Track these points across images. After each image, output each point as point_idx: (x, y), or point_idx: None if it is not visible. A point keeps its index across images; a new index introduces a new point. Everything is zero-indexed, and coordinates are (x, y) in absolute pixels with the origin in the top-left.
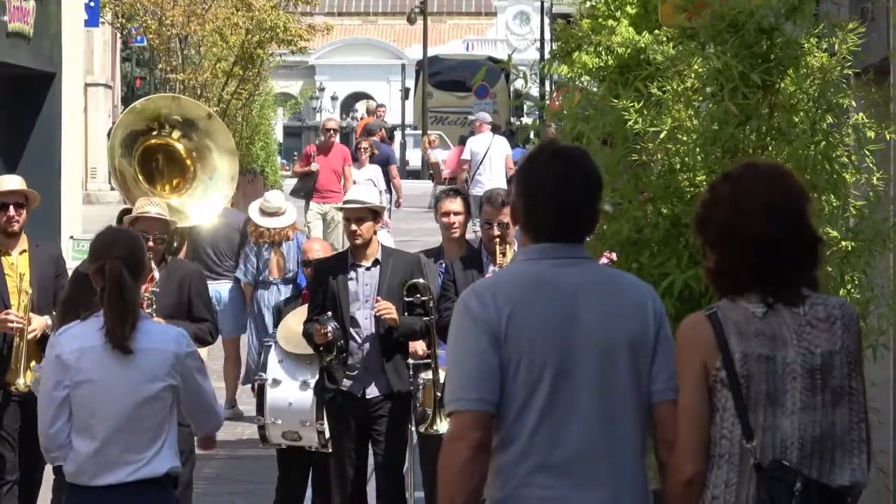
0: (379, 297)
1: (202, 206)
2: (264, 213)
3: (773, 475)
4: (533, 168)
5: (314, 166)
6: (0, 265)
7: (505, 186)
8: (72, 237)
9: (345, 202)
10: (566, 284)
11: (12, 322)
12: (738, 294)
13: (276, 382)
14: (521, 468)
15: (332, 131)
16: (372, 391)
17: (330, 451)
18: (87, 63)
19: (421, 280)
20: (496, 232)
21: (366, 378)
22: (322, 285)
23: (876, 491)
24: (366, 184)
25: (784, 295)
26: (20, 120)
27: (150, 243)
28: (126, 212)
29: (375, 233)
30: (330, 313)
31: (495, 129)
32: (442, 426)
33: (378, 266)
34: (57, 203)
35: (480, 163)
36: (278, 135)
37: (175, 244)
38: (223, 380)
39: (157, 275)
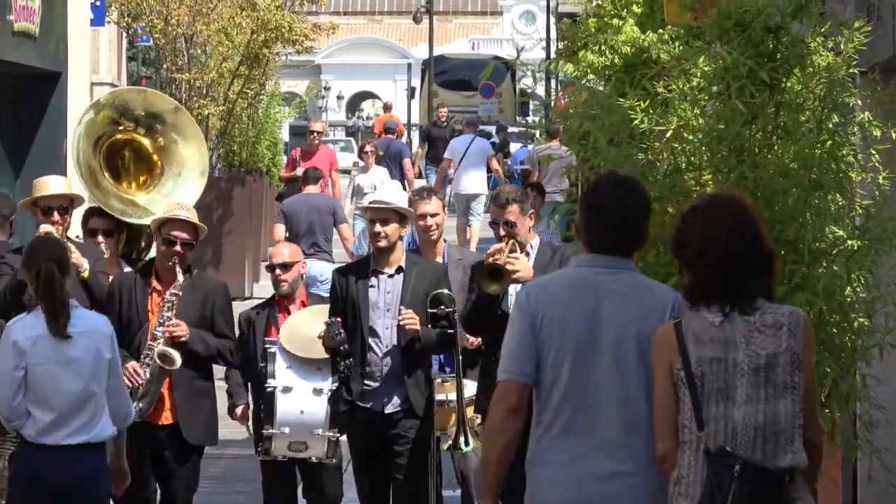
0: (402, 307)
1: (172, 201)
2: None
3: (717, 459)
4: (594, 191)
5: (300, 171)
6: None
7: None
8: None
9: (371, 203)
10: (599, 289)
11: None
12: (706, 305)
13: (287, 389)
14: (548, 434)
15: (315, 134)
16: (392, 406)
17: (334, 461)
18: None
19: (445, 291)
20: (501, 231)
21: (386, 392)
22: (342, 292)
23: (882, 490)
24: (384, 189)
25: (740, 305)
26: (26, 119)
27: (177, 248)
28: (93, 211)
29: (401, 238)
30: (338, 319)
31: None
32: (467, 446)
33: (402, 274)
34: None
35: (460, 161)
36: (284, 134)
37: (143, 244)
38: None
39: (180, 278)
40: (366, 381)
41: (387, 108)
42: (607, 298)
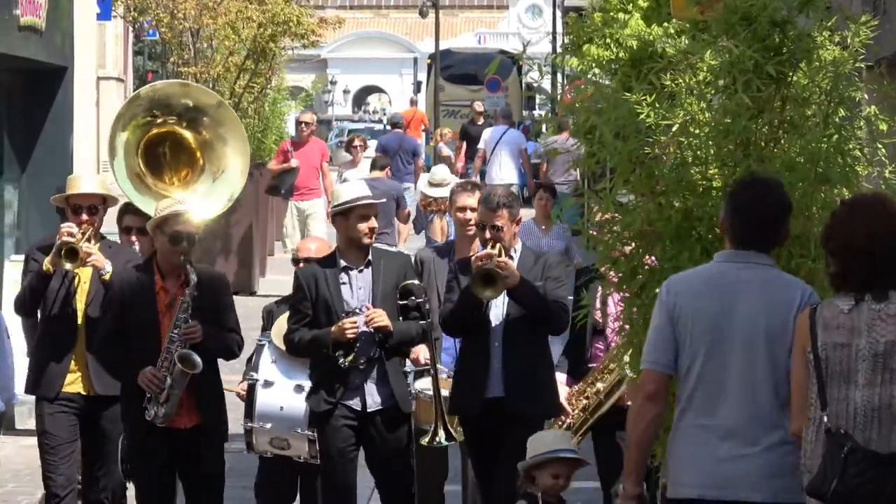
0: (369, 305)
1: (207, 201)
2: (432, 184)
3: (834, 439)
4: (738, 191)
5: (294, 162)
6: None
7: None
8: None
9: (359, 198)
10: (734, 283)
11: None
12: (846, 292)
13: (267, 384)
14: (683, 419)
15: (303, 125)
16: (373, 403)
17: (319, 463)
18: (99, 57)
19: (415, 281)
20: (487, 235)
21: (367, 389)
22: (310, 293)
23: None
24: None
25: (874, 295)
26: (32, 113)
27: (185, 244)
28: (128, 208)
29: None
30: (348, 313)
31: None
32: (445, 439)
33: (370, 268)
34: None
35: (492, 152)
36: (290, 128)
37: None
38: None
39: (193, 278)
40: (346, 380)
41: (413, 102)
42: (741, 292)
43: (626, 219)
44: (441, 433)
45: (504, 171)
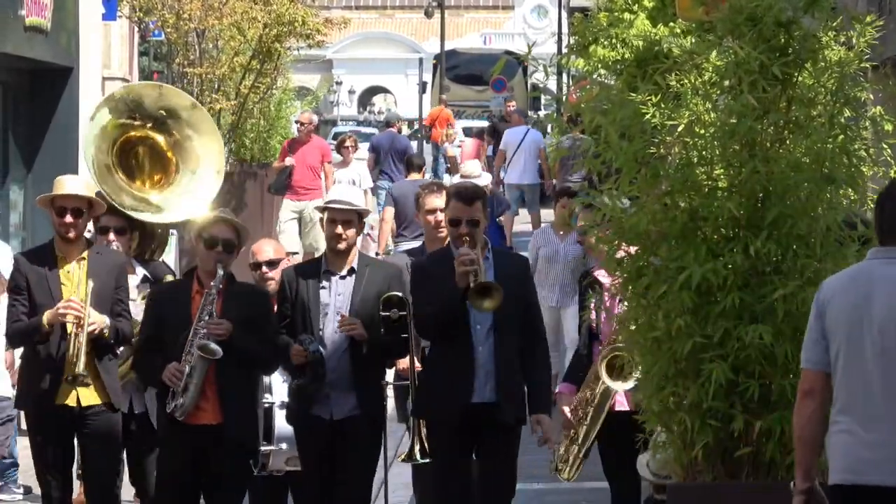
0: (343, 313)
1: (187, 201)
2: (464, 177)
3: None
4: (886, 191)
5: (289, 161)
6: (57, 274)
7: (537, 177)
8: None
9: (330, 202)
10: (875, 277)
11: (73, 308)
12: None
13: (284, 405)
14: (833, 411)
15: (301, 124)
16: (340, 412)
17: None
18: (104, 57)
19: (398, 293)
20: (464, 230)
21: (335, 398)
22: (291, 293)
23: None
24: (348, 184)
25: None
26: (38, 114)
27: (219, 248)
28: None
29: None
30: (312, 338)
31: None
32: (423, 457)
33: (353, 275)
34: None
35: (514, 154)
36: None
37: (156, 244)
38: None
39: (220, 272)
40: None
41: (442, 101)
42: (880, 286)
43: (631, 219)
44: (417, 450)
45: (527, 174)
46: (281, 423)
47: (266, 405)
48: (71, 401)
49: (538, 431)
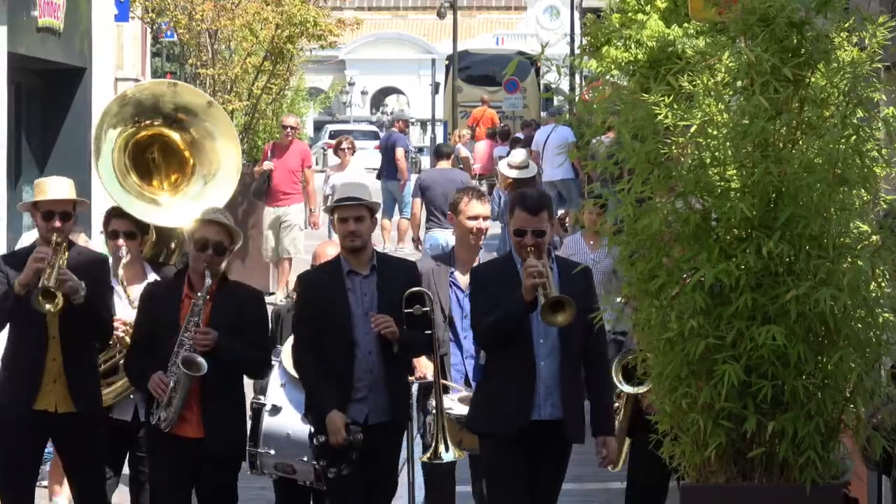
0: (373, 312)
1: (199, 204)
2: (511, 166)
3: None
4: None
5: (267, 165)
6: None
7: (571, 172)
8: (101, 232)
9: (339, 200)
10: None
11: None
12: None
13: (275, 409)
14: None
15: (288, 129)
16: (375, 417)
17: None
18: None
19: (422, 289)
20: (530, 240)
21: (369, 402)
22: (316, 299)
23: None
24: (352, 183)
25: None
26: (51, 114)
27: (209, 251)
28: (114, 212)
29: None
30: (358, 428)
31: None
32: (448, 455)
33: (375, 273)
34: (87, 198)
35: (543, 153)
36: (308, 129)
37: (173, 246)
38: None
39: (208, 281)
40: (350, 393)
41: (484, 101)
42: None
43: (643, 220)
44: (442, 449)
45: (559, 170)
46: (269, 427)
47: (256, 406)
48: (49, 406)
49: (602, 453)
